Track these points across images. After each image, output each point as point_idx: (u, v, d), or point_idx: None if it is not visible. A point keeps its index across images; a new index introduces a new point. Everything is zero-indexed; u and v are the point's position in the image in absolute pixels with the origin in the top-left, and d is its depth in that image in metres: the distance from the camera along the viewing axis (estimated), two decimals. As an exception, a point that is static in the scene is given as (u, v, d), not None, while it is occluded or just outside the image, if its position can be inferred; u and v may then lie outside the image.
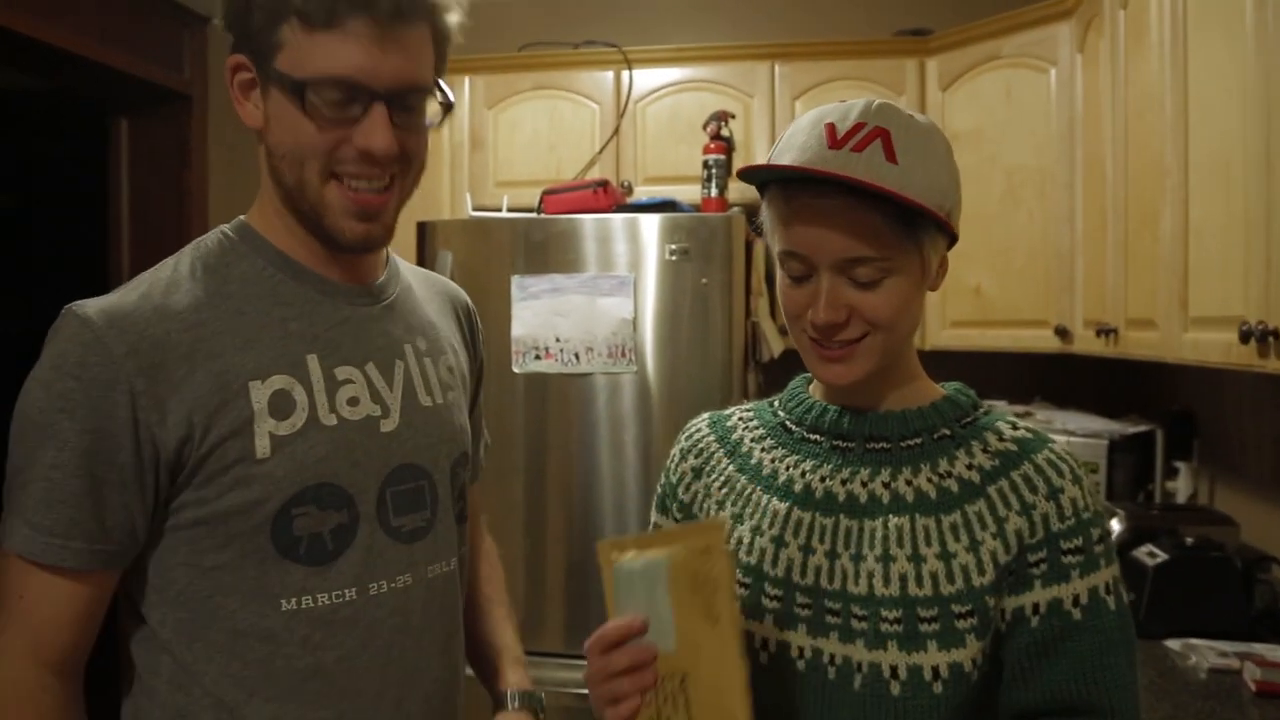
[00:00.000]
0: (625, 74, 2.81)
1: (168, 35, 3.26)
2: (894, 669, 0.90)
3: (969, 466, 0.94)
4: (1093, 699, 0.89)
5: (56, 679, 0.92)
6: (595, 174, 2.79)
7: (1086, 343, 2.26)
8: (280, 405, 0.94)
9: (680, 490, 1.09)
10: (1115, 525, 2.00)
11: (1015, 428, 0.97)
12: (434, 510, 1.05)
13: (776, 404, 1.09)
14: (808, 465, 1.00)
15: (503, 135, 2.86)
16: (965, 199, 0.95)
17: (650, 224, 2.32)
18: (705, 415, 1.14)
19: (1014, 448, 0.94)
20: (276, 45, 0.91)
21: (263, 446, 0.92)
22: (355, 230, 0.96)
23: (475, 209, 2.63)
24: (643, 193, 2.73)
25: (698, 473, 1.08)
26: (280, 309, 0.97)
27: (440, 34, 0.97)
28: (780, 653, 0.95)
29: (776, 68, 2.76)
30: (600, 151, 2.81)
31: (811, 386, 1.05)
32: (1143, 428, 2.36)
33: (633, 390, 2.34)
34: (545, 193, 2.51)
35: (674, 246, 2.28)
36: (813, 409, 1.02)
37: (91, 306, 0.91)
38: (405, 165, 0.97)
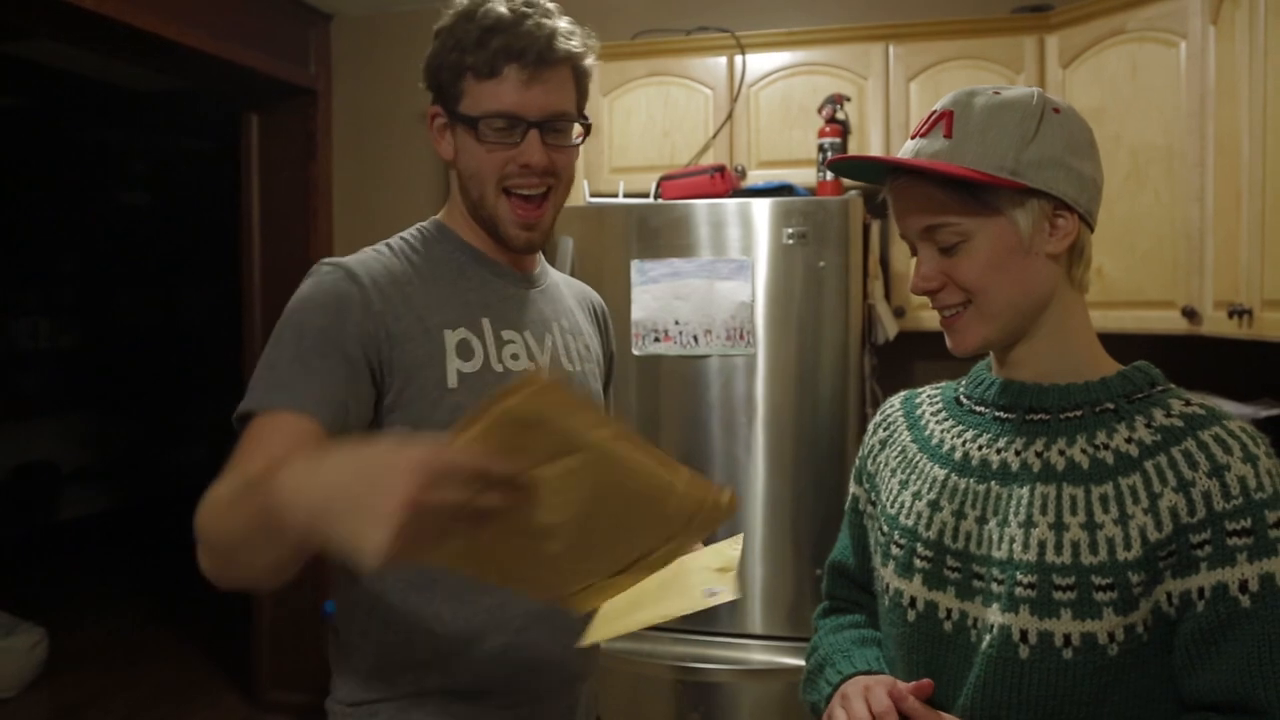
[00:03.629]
0: (738, 59, 2.83)
1: (294, 33, 3.42)
2: (1024, 633, 0.91)
3: (1128, 440, 0.93)
4: (1261, 697, 0.84)
5: None
6: (709, 159, 2.82)
7: (1217, 324, 2.20)
8: (464, 350, 1.19)
9: (869, 462, 1.18)
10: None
11: (1188, 404, 0.95)
12: None
13: (961, 381, 1.14)
14: (969, 435, 1.04)
15: (618, 122, 2.91)
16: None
17: (767, 208, 2.34)
18: (901, 393, 1.21)
19: (1180, 423, 0.92)
20: (459, 94, 1.19)
21: (452, 378, 1.17)
22: (520, 237, 1.23)
23: (592, 195, 2.69)
24: (756, 177, 2.75)
25: (884, 444, 1.16)
26: (463, 281, 1.24)
27: (579, 72, 1.22)
28: (929, 612, 1.00)
29: (891, 49, 2.73)
30: (714, 136, 2.84)
31: (990, 365, 1.09)
32: (1276, 411, 2.29)
33: (750, 372, 2.37)
34: (662, 179, 2.55)
35: (791, 230, 2.30)
36: (983, 382, 1.07)
37: (341, 259, 1.19)
38: (556, 178, 1.22)
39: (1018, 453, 0.98)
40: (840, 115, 2.51)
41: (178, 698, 3.74)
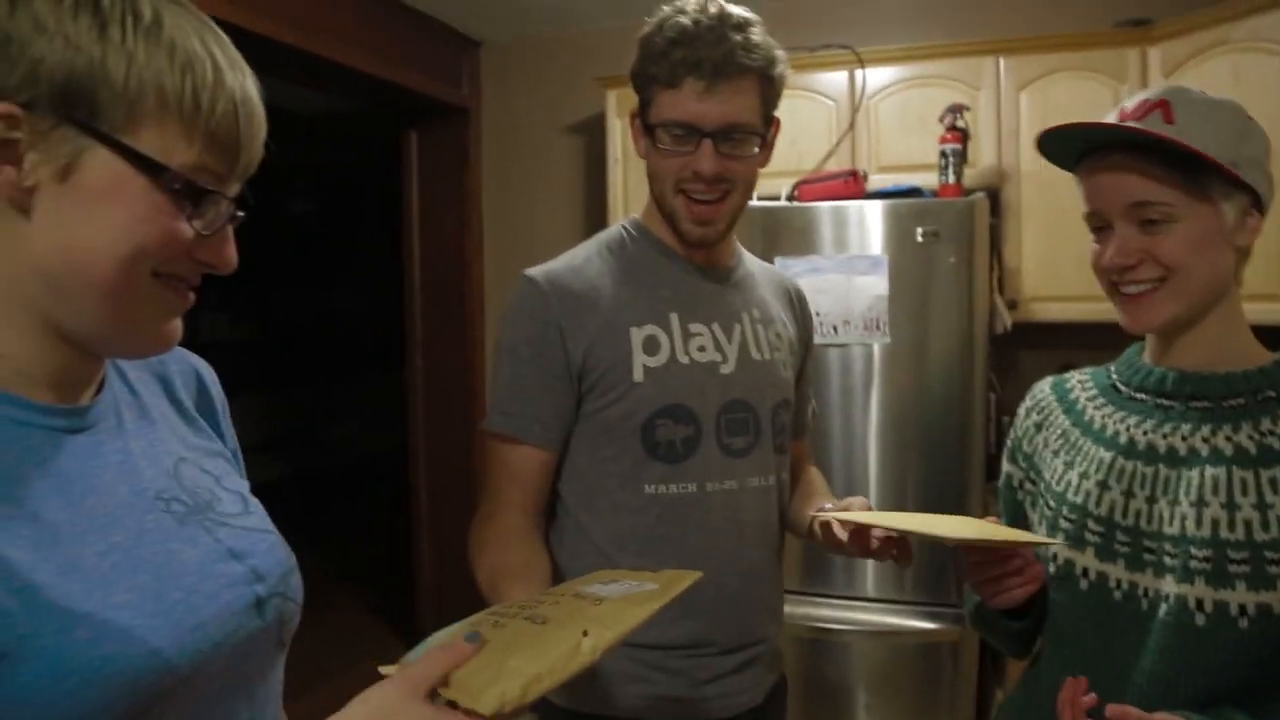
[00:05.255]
0: (858, 73, 3.09)
1: (448, 57, 3.77)
2: (1200, 602, 0.97)
3: None
4: None
5: (531, 524, 1.33)
6: (832, 165, 3.10)
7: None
8: (650, 346, 1.30)
9: (1025, 443, 1.25)
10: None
11: None
12: (757, 437, 1.37)
13: (1112, 367, 1.20)
14: (1132, 420, 1.10)
15: (748, 133, 3.18)
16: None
17: (899, 209, 2.61)
18: (1049, 378, 1.28)
19: None
20: (649, 101, 1.30)
21: (638, 373, 1.29)
22: (694, 232, 1.32)
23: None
24: (877, 181, 3.01)
25: (1039, 427, 1.22)
26: (654, 279, 1.36)
27: (766, 82, 1.28)
28: (1100, 582, 1.07)
29: (1001, 61, 2.96)
30: (837, 144, 3.11)
31: (1144, 353, 1.15)
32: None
33: (879, 360, 2.65)
34: (800, 183, 2.84)
35: (924, 229, 2.57)
36: (1140, 370, 1.12)
37: (537, 271, 1.34)
38: (731, 185, 1.29)
39: (1184, 438, 1.04)
40: (960, 123, 2.76)
41: (348, 648, 4.02)
